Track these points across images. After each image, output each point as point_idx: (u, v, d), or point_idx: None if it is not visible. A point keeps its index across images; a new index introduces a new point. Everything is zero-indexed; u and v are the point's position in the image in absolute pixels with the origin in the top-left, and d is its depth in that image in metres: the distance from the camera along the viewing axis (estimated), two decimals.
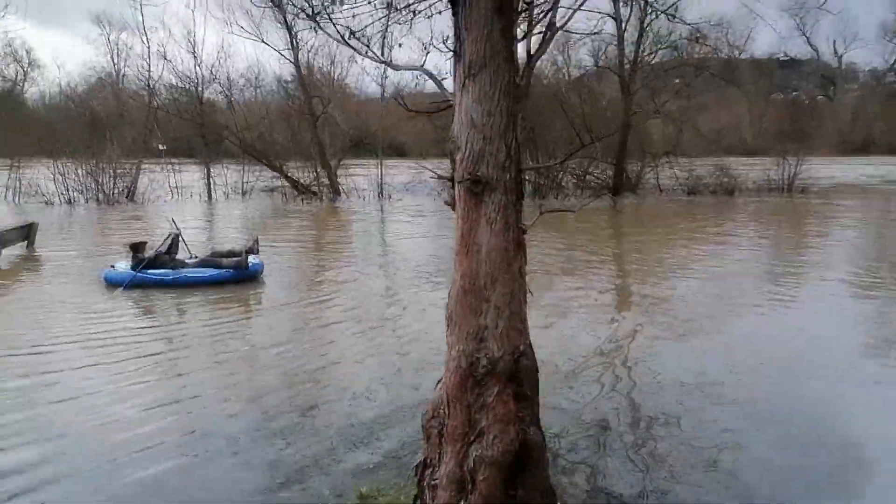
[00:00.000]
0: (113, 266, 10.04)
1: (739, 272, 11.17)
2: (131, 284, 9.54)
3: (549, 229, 17.89)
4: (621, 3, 25.71)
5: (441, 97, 3.81)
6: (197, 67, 26.17)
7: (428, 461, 3.28)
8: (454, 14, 3.16)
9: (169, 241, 10.39)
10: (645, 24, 25.32)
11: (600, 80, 29.49)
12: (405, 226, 18.90)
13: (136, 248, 10.14)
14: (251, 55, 60.86)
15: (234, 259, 10.23)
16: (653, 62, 26.84)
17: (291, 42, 25.92)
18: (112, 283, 9.68)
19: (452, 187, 3.26)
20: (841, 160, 43.08)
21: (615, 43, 26.53)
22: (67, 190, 23.27)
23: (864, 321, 8.29)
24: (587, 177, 26.67)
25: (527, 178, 24.83)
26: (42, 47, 77.28)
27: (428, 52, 3.92)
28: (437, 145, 26.16)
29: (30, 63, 40.45)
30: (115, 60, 32.32)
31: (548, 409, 4.85)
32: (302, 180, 26.68)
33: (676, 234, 16.44)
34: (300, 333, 7.82)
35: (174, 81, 26.79)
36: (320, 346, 7.18)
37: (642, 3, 23.99)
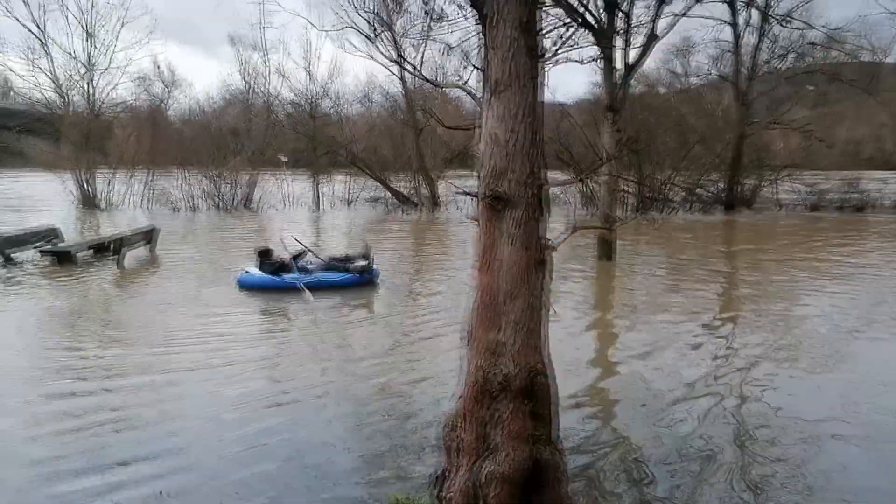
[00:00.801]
0: (247, 271, 10.83)
1: (859, 301, 10.19)
2: (273, 286, 10.31)
3: (654, 245, 17.32)
4: (739, 9, 24.54)
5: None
6: (310, 83, 27.82)
7: (446, 473, 3.32)
8: (482, 33, 3.22)
9: (298, 253, 11.16)
10: (764, 31, 23.90)
11: (718, 90, 28.12)
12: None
13: (265, 253, 10.98)
14: (360, 71, 63.33)
15: (361, 264, 10.88)
16: (778, 68, 25.22)
17: (399, 56, 26.85)
18: (244, 287, 10.48)
19: (478, 203, 3.30)
20: None
21: (731, 50, 25.25)
22: (192, 198, 25.38)
23: None
24: (698, 189, 25.46)
25: (628, 189, 24.48)
26: (184, 66, 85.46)
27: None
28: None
29: (173, 81, 44.51)
30: (245, 78, 34.95)
31: (648, 437, 4.92)
32: (404, 191, 27.53)
33: (789, 254, 15.30)
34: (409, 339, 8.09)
35: (291, 97, 28.57)
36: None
37: (762, 9, 22.88)
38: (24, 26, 26.24)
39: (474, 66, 3.61)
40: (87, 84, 27.73)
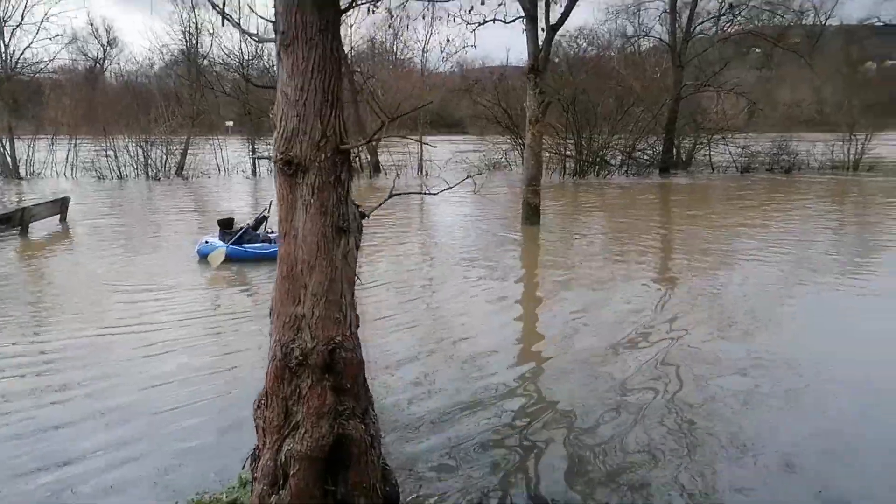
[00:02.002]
0: (207, 241, 10.44)
1: (785, 259, 10.46)
2: (234, 257, 10.00)
3: (585, 209, 17.42)
4: None
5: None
6: (243, 44, 26.72)
7: (257, 453, 3.17)
8: None
9: (256, 220, 10.77)
10: None
11: (661, 53, 28.12)
12: (444, 205, 18.78)
13: (226, 224, 10.56)
14: None
15: None
16: (721, 30, 25.29)
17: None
18: (202, 256, 10.13)
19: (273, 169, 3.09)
20: None
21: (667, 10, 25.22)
22: (119, 166, 24.30)
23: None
24: (636, 153, 25.66)
25: (569, 153, 24.52)
26: (125, 26, 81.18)
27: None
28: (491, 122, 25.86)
29: (109, 41, 41.71)
30: (186, 39, 33.01)
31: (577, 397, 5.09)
32: None
33: (721, 216, 15.60)
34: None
35: (222, 58, 27.42)
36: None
37: None
38: None
39: (259, 16, 3.36)
40: None
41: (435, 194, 3.76)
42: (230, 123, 29.65)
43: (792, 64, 30.77)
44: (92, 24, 35.87)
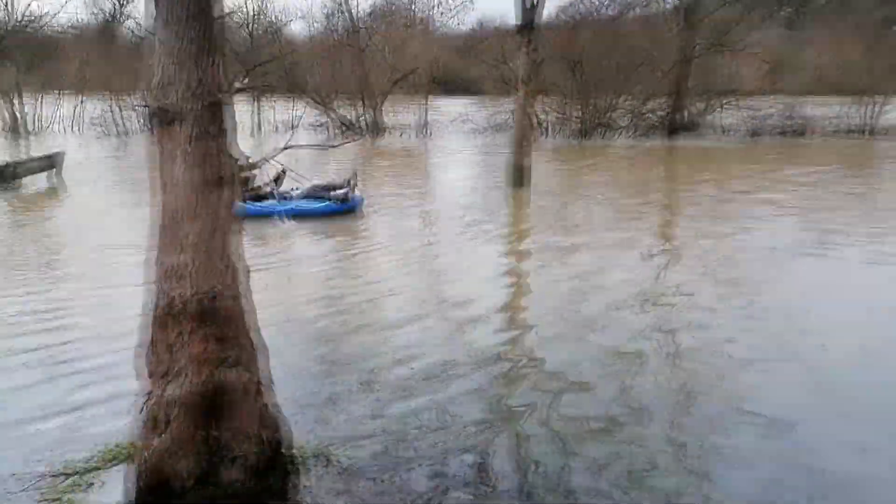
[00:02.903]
0: None
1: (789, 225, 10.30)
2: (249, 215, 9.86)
3: (596, 170, 17.22)
4: None
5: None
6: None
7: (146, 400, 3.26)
8: None
9: (277, 176, 10.59)
10: None
11: (667, 12, 27.22)
12: (447, 166, 18.75)
13: (244, 181, 10.53)
14: None
15: (341, 192, 10.57)
16: None
17: None
18: None
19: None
20: None
21: None
22: (122, 120, 24.43)
23: None
24: (646, 115, 25.11)
25: (575, 114, 24.09)
26: None
27: None
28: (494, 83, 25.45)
29: None
30: None
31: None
32: (348, 116, 26.72)
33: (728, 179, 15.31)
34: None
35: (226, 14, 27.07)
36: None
37: None
38: None
39: None
40: None
41: (335, 146, 3.75)
42: (244, 82, 29.49)
43: (821, 25, 29.72)
44: None
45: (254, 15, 26.63)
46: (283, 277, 7.52)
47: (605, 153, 20.63)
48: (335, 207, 10.42)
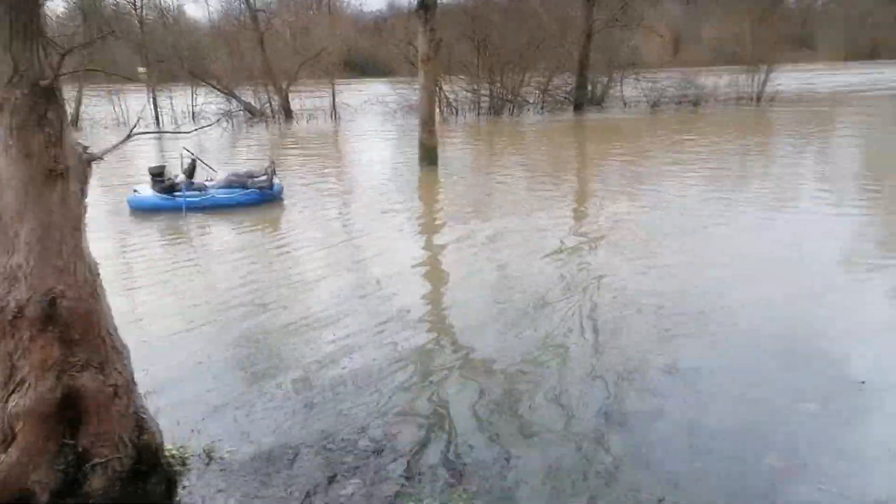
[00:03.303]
0: (136, 191, 9.93)
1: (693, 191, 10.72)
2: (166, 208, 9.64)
3: (508, 147, 17.41)
4: None
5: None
6: None
7: None
8: None
9: (188, 166, 10.22)
10: None
11: None
12: (361, 150, 18.42)
13: (158, 172, 10.03)
14: None
15: (261, 180, 10.21)
16: None
17: None
18: (136, 209, 9.69)
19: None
20: (841, 67, 41.22)
21: None
22: None
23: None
24: (554, 91, 25.67)
25: (484, 93, 24.29)
26: None
27: None
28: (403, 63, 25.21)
29: None
30: None
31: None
32: (253, 103, 25.85)
33: (632, 148, 15.85)
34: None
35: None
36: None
37: None
38: None
39: None
40: None
41: (188, 133, 3.57)
42: (142, 70, 27.88)
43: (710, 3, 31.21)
44: None
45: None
46: (203, 274, 7.20)
47: (513, 130, 20.95)
48: (257, 196, 10.13)
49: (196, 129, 3.38)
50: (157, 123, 24.96)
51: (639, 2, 25.89)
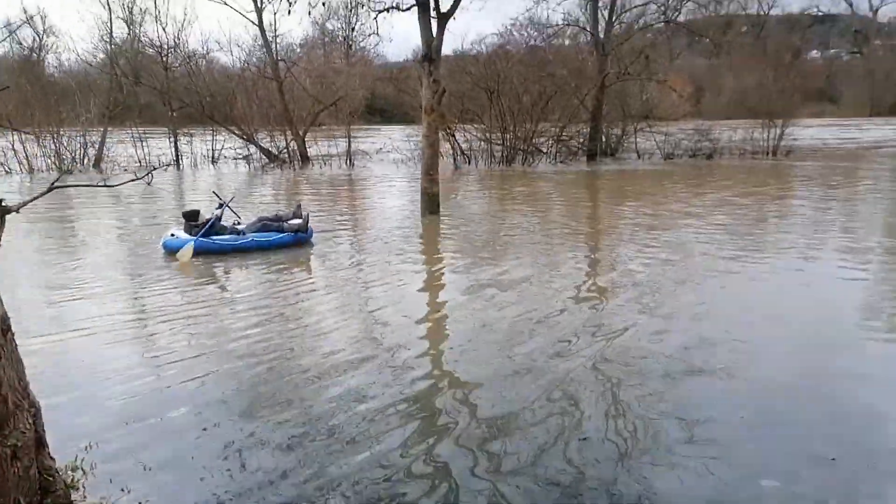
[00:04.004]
0: (173, 234, 10.07)
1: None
2: (203, 250, 9.79)
3: (518, 196, 17.42)
4: None
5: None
6: (162, 31, 25.93)
7: None
8: None
9: (220, 211, 10.45)
10: None
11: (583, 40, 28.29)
12: (369, 195, 18.63)
13: (192, 216, 10.22)
14: (218, 20, 58.50)
15: (296, 223, 10.48)
16: (647, 24, 25.54)
17: (255, 3, 25.41)
18: (171, 251, 9.79)
19: None
20: (865, 122, 40.91)
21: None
22: (27, 158, 23.31)
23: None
24: (567, 141, 25.82)
25: (497, 142, 24.51)
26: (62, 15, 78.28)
27: None
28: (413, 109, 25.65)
29: (45, 29, 38.62)
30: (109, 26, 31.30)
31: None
32: (271, 148, 26.43)
33: (647, 202, 15.73)
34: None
35: (139, 47, 26.54)
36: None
37: None
38: None
39: None
40: None
41: (112, 186, 3.55)
42: (173, 114, 28.71)
43: (741, 53, 31.55)
44: (26, 11, 33.85)
45: (168, 47, 26.02)
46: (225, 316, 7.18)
47: (526, 179, 20.99)
48: (290, 238, 10.35)
49: (121, 183, 3.36)
50: (178, 166, 25.56)
51: (658, 55, 26.25)
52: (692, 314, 6.81)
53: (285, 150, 26.39)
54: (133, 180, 3.51)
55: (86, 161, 24.88)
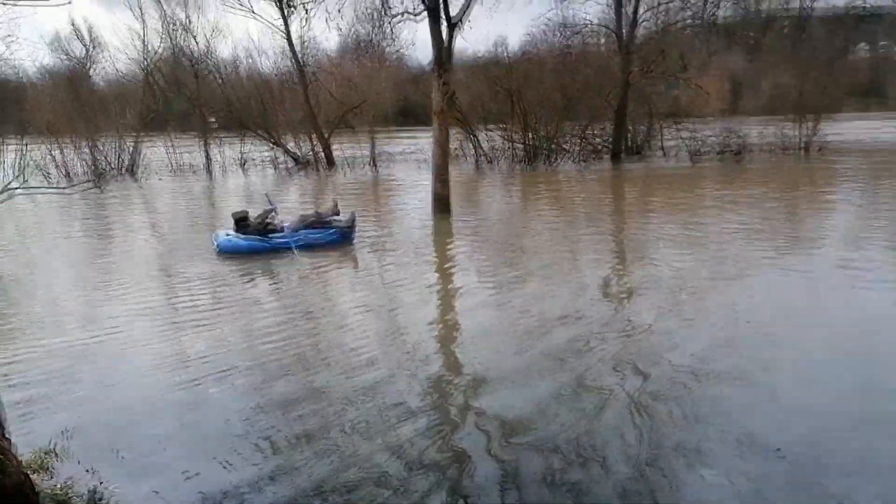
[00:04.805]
0: (228, 235, 10.63)
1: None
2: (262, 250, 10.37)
3: (539, 196, 17.45)
4: None
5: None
6: (193, 40, 26.68)
7: None
8: None
9: (268, 214, 11.00)
10: None
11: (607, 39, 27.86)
12: (390, 196, 18.96)
13: (242, 217, 10.77)
14: (246, 29, 59.06)
15: (343, 220, 11.03)
16: (671, 24, 25.10)
17: (281, 12, 25.88)
18: (228, 252, 10.35)
19: None
20: None
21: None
22: (65, 167, 24.26)
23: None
24: (591, 139, 25.54)
25: (518, 142, 24.46)
26: (107, 27, 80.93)
27: None
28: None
29: (92, 42, 39.38)
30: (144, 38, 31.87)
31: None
32: (297, 152, 26.93)
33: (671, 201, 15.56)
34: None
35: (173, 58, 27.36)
36: None
37: None
38: None
39: None
40: None
41: (69, 192, 3.75)
42: (213, 120, 29.53)
43: (782, 54, 30.74)
44: (73, 25, 34.95)
45: (199, 57, 26.76)
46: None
47: (547, 179, 20.94)
48: (338, 237, 10.88)
49: (74, 185, 3.56)
50: (209, 171, 26.24)
51: (691, 54, 25.72)
52: (722, 316, 6.77)
53: (311, 154, 26.84)
54: (90, 188, 3.72)
55: (122, 169, 25.74)
